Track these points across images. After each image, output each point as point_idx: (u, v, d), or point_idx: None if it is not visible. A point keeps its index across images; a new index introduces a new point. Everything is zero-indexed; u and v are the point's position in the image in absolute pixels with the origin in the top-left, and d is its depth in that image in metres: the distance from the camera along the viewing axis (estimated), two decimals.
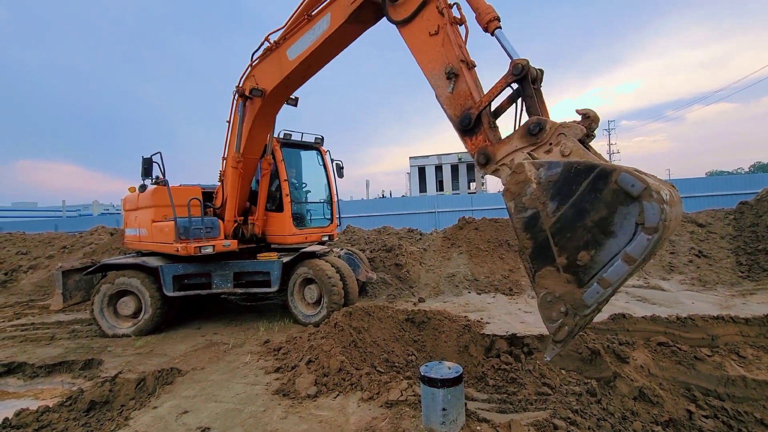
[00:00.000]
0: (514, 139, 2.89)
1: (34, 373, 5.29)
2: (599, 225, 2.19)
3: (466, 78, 3.26)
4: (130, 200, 7.43)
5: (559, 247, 2.33)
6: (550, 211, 2.34)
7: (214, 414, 3.51)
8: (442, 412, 2.87)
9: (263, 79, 5.45)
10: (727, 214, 9.39)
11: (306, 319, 6.28)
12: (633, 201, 2.08)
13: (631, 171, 2.11)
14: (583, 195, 2.22)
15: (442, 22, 3.41)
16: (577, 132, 2.65)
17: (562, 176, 2.30)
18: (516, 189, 2.46)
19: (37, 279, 11.44)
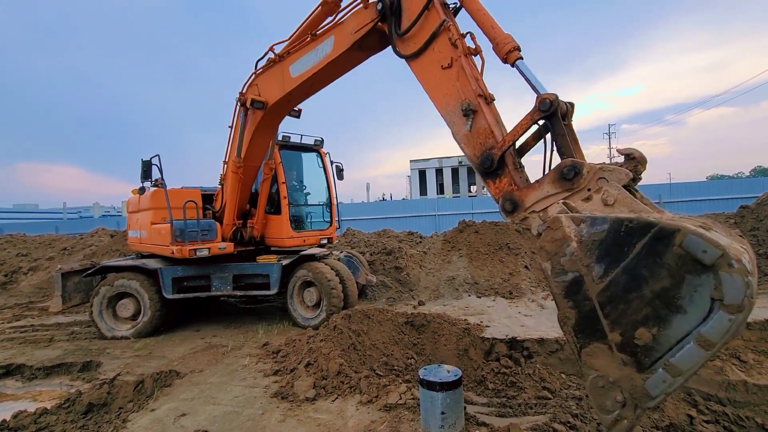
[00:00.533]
0: (544, 183, 2.55)
1: (32, 374, 5.27)
2: (662, 297, 1.80)
3: (486, 114, 2.97)
4: (133, 202, 7.48)
5: (610, 320, 1.93)
6: (596, 276, 1.96)
7: (212, 417, 3.50)
8: (441, 415, 2.86)
9: (266, 91, 5.40)
10: (728, 218, 9.37)
11: (305, 321, 6.27)
12: (706, 270, 1.69)
13: (701, 232, 1.72)
14: (638, 259, 1.84)
15: (455, 55, 3.14)
16: (621, 176, 2.30)
17: (609, 235, 1.93)
18: (552, 248, 2.09)
19: (37, 281, 11.43)
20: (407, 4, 3.52)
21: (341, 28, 4.26)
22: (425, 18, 3.33)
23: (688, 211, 11.30)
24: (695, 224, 1.88)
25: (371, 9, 3.82)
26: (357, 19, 4.03)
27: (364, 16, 3.93)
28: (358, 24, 4.00)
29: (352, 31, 4.07)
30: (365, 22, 3.91)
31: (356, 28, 4.02)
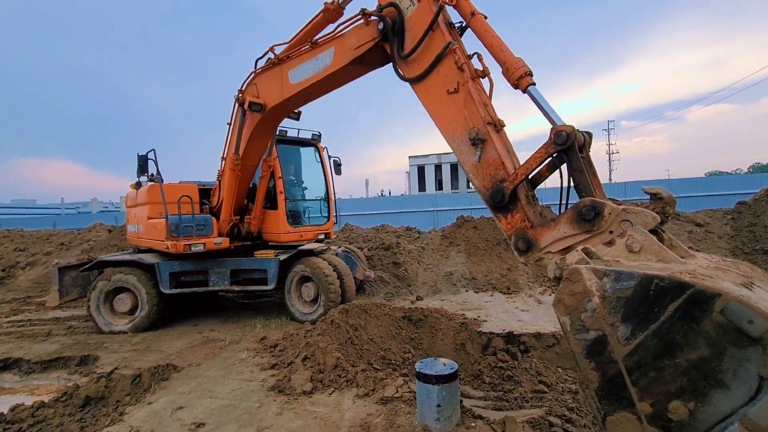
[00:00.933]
0: (561, 223, 2.38)
1: (30, 368, 5.27)
2: (700, 368, 1.61)
3: (495, 143, 2.78)
4: (130, 197, 7.48)
5: (639, 388, 1.73)
6: (623, 337, 1.77)
7: (209, 410, 3.51)
8: (437, 408, 2.87)
9: (265, 93, 5.31)
10: (725, 214, 9.39)
11: (303, 316, 6.27)
12: (753, 343, 1.50)
13: (745, 299, 1.51)
14: (670, 323, 1.65)
15: (462, 79, 2.96)
16: (647, 220, 2.12)
17: (637, 292, 1.74)
18: (572, 302, 1.90)
19: (35, 275, 11.42)
20: (410, 24, 3.33)
21: (341, 41, 4.09)
22: (429, 39, 3.15)
23: (686, 207, 11.30)
24: (736, 281, 1.75)
25: (372, 27, 3.64)
26: (358, 35, 3.86)
27: (365, 34, 3.75)
28: (359, 40, 3.83)
29: (352, 47, 3.91)
30: (366, 39, 3.75)
31: (357, 44, 3.85)
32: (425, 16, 3.19)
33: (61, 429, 3.76)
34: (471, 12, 3.05)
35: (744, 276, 1.87)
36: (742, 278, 1.82)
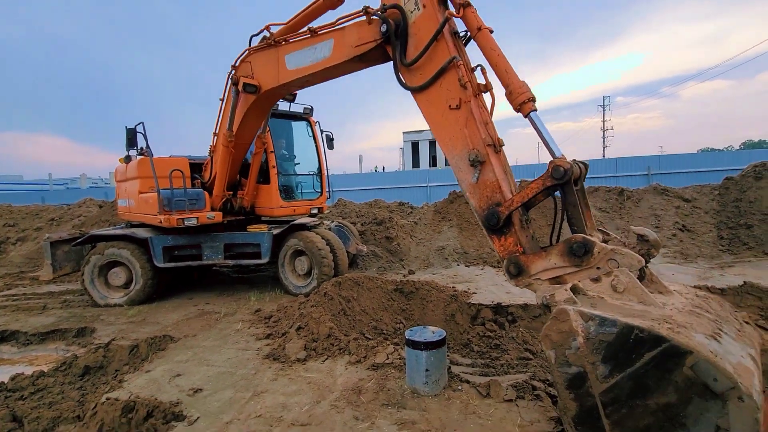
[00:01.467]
0: (552, 255, 2.52)
1: (27, 340, 5.35)
2: (666, 411, 1.82)
3: (494, 166, 2.83)
4: (120, 171, 7.39)
5: (611, 421, 1.96)
6: (601, 376, 1.98)
7: (206, 377, 3.62)
8: (425, 372, 3.00)
9: (260, 74, 5.14)
10: (713, 190, 9.54)
11: (296, 289, 6.38)
12: (715, 397, 1.71)
13: (712, 359, 1.73)
14: (645, 369, 1.85)
15: (465, 97, 2.93)
16: (633, 263, 2.28)
17: (617, 339, 1.93)
18: (558, 339, 2.11)
19: (26, 251, 11.38)
20: (414, 29, 3.22)
21: (342, 34, 3.93)
22: (433, 49, 3.07)
23: (678, 183, 11.42)
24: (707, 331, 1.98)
25: (375, 27, 3.50)
26: (359, 32, 3.71)
27: (367, 33, 3.62)
28: (360, 39, 3.69)
29: (352, 44, 3.77)
30: (367, 39, 3.62)
31: (357, 42, 3.72)
32: (430, 23, 3.10)
33: (62, 396, 3.87)
34: (477, 27, 2.97)
35: (715, 321, 2.17)
36: (712, 326, 2.09)
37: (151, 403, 3.11)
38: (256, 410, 2.98)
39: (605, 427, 1.98)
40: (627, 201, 9.70)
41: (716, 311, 2.35)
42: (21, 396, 3.90)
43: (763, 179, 8.65)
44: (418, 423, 2.67)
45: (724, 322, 2.23)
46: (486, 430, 2.58)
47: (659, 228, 8.88)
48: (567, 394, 2.10)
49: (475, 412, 2.78)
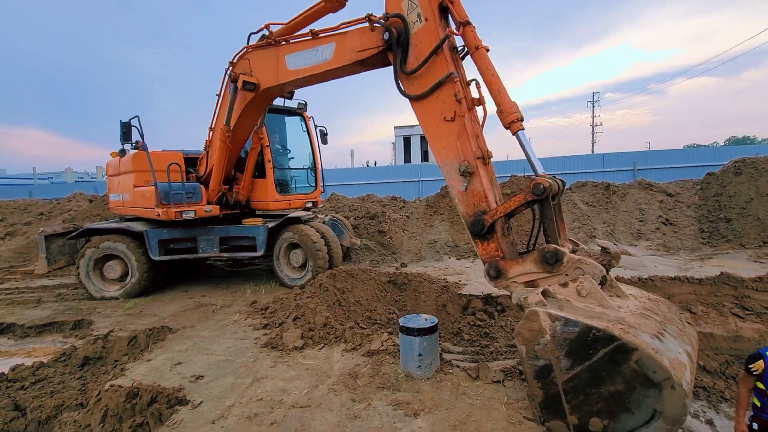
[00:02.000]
0: (528, 261, 2.84)
1: (24, 333, 5.40)
2: (615, 397, 2.23)
3: (482, 178, 3.08)
4: (113, 165, 7.37)
5: (571, 406, 2.34)
6: (563, 368, 2.34)
7: (207, 364, 3.74)
8: (418, 357, 3.16)
9: (259, 72, 5.21)
10: (695, 185, 9.86)
11: (292, 282, 6.50)
12: (654, 385, 2.10)
13: (653, 355, 2.10)
14: (600, 363, 2.24)
15: (459, 111, 3.14)
16: (595, 272, 2.64)
17: (578, 337, 2.29)
18: (529, 336, 2.45)
19: (16, 245, 11.27)
20: (415, 40, 3.38)
21: (344, 39, 4.06)
22: (432, 62, 3.27)
23: (664, 178, 11.74)
24: (653, 331, 2.36)
25: (377, 34, 3.65)
26: (361, 38, 3.86)
27: (369, 39, 3.76)
28: (362, 44, 3.84)
29: (354, 48, 3.92)
30: (369, 45, 3.78)
31: (360, 47, 3.87)
32: (431, 36, 3.28)
33: (62, 386, 3.95)
34: (475, 46, 3.17)
35: (660, 322, 2.57)
36: (657, 326, 2.48)
37: (155, 389, 3.22)
38: (257, 394, 3.11)
39: (566, 411, 2.37)
40: (613, 195, 9.98)
41: (664, 313, 2.77)
42: (22, 386, 3.98)
43: (742, 174, 8.97)
44: (412, 403, 2.84)
45: (668, 323, 2.64)
46: (475, 408, 2.75)
47: (643, 221, 9.18)
48: (535, 383, 2.46)
49: (465, 393, 2.95)
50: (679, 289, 5.76)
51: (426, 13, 3.31)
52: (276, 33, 4.88)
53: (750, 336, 5.07)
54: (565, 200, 10.02)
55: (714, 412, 4.56)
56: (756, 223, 8.11)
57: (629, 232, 8.98)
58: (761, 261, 6.97)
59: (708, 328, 5.21)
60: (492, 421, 2.60)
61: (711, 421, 4.41)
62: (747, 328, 5.14)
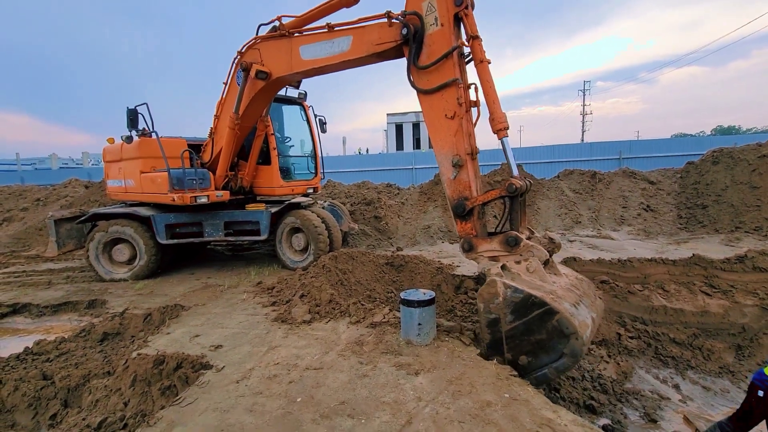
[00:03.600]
0: (494, 242, 3.59)
1: (40, 312, 5.67)
2: (538, 343, 3.11)
3: (469, 170, 3.69)
4: (112, 151, 7.46)
5: (508, 347, 3.23)
6: (508, 321, 3.20)
7: (223, 336, 4.08)
8: (418, 326, 3.54)
9: (270, 62, 5.39)
10: (676, 173, 10.36)
11: (294, 264, 6.82)
12: (565, 336, 2.99)
13: (568, 317, 2.98)
14: (532, 320, 3.09)
15: (459, 112, 3.64)
16: (541, 255, 3.41)
17: (521, 301, 3.13)
18: (487, 296, 3.27)
19: (14, 231, 11.36)
20: (429, 41, 3.78)
21: (362, 33, 4.34)
22: (442, 63, 3.70)
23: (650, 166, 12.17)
24: (572, 301, 3.26)
25: (396, 29, 3.98)
26: (380, 32, 4.16)
27: (388, 34, 4.08)
28: (381, 38, 4.15)
29: (373, 42, 4.22)
30: (388, 39, 4.09)
31: (378, 41, 4.17)
32: (443, 41, 3.71)
33: (85, 358, 4.28)
34: (480, 59, 3.65)
35: (579, 295, 3.46)
36: (576, 298, 3.36)
37: (180, 356, 3.56)
38: (274, 359, 3.47)
39: (504, 350, 3.26)
40: (598, 183, 10.44)
41: (584, 289, 3.69)
42: (47, 359, 4.29)
43: (719, 164, 9.47)
44: (413, 365, 3.22)
45: (585, 296, 3.56)
46: (468, 367, 3.14)
47: (626, 208, 9.67)
48: (486, 330, 3.32)
49: (460, 356, 3.34)
50: (655, 270, 6.24)
51: (443, 19, 3.71)
52: (288, 25, 5.10)
53: (716, 311, 5.58)
54: (552, 187, 10.45)
55: (680, 378, 5.08)
56: (730, 209, 8.64)
57: (613, 218, 9.46)
58: (731, 245, 7.49)
59: (678, 305, 5.70)
60: (483, 377, 3.00)
61: (677, 385, 4.93)
62: (713, 304, 5.65)
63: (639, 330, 5.55)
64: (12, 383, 3.63)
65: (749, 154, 9.14)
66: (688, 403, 4.54)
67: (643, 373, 5.06)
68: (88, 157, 38.07)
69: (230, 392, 2.99)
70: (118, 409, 3.10)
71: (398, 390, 2.89)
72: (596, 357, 5.02)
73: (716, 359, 5.20)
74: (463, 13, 3.66)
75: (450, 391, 2.85)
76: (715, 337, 5.43)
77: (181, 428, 2.61)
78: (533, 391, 2.89)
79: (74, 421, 3.02)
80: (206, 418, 2.69)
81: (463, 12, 3.66)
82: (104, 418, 2.95)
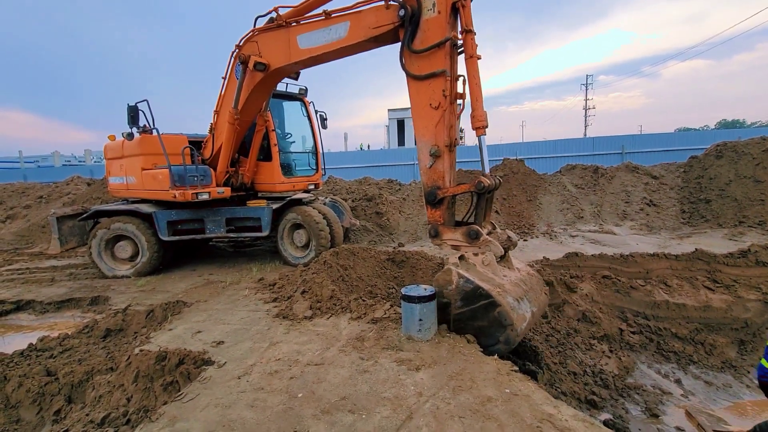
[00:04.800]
0: (458, 232, 3.88)
1: (43, 309, 5.71)
2: (480, 329, 3.47)
3: (445, 161, 3.84)
4: (113, 148, 7.48)
5: (454, 327, 3.60)
6: (457, 306, 3.53)
7: (225, 332, 4.10)
8: (418, 322, 3.54)
9: (268, 53, 5.37)
10: (679, 167, 10.29)
11: (295, 260, 6.83)
12: (502, 326, 3.34)
13: (508, 310, 3.31)
14: (478, 308, 3.43)
15: (444, 104, 3.70)
16: (497, 250, 3.73)
17: (471, 291, 3.45)
18: (442, 282, 3.58)
19: (17, 228, 11.43)
20: (425, 26, 3.77)
21: (359, 18, 4.31)
22: (434, 52, 3.72)
23: (653, 161, 12.07)
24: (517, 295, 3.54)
25: (393, 11, 3.97)
26: (377, 16, 4.14)
27: (385, 16, 4.06)
28: (378, 21, 4.12)
29: (370, 26, 4.20)
30: (385, 22, 4.07)
31: (375, 24, 4.15)
32: (438, 29, 3.69)
33: (89, 354, 4.30)
34: (470, 54, 3.66)
35: (525, 290, 3.72)
36: (521, 293, 3.63)
37: (182, 352, 3.56)
38: (275, 355, 3.48)
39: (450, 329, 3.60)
40: (601, 178, 10.39)
41: (531, 285, 3.93)
42: (51, 355, 4.31)
43: (723, 158, 9.40)
44: (413, 360, 3.22)
45: (531, 291, 3.82)
46: (469, 363, 3.14)
47: (629, 203, 9.62)
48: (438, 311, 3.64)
49: (461, 352, 3.34)
50: (657, 265, 6.22)
51: (440, 6, 3.67)
52: (285, 15, 5.08)
53: (718, 306, 5.57)
54: (554, 182, 10.41)
55: (682, 372, 5.08)
56: (733, 204, 8.58)
57: (615, 212, 9.42)
58: (735, 239, 7.46)
59: (681, 299, 5.69)
60: (483, 373, 3.00)
61: (679, 380, 4.92)
62: (716, 299, 5.63)
63: (641, 325, 5.54)
64: (16, 379, 3.66)
65: (753, 148, 9.07)
66: (690, 398, 4.54)
67: (645, 368, 5.06)
68: (90, 155, 38.18)
69: (232, 388, 3.00)
70: (121, 405, 3.11)
71: (399, 385, 2.89)
72: (598, 352, 5.02)
73: (719, 354, 5.19)
74: (460, 4, 3.63)
75: (451, 387, 2.85)
76: (718, 332, 5.42)
77: (184, 424, 2.62)
78: (534, 386, 2.89)
79: (78, 417, 3.04)
80: (208, 413, 2.71)
81: (461, 3, 3.63)
82: (107, 414, 2.97)
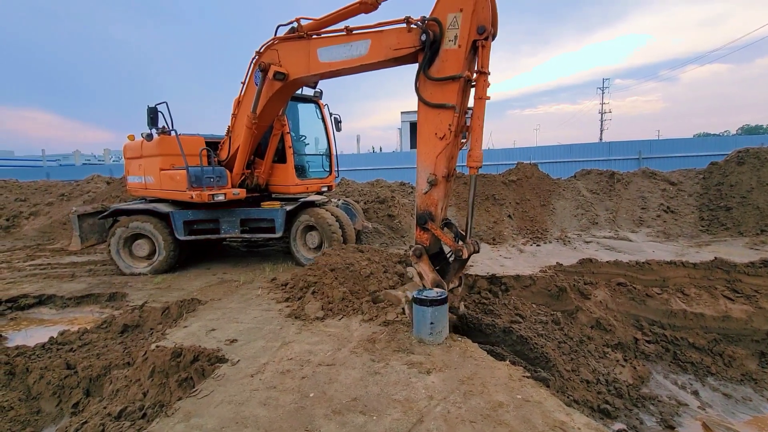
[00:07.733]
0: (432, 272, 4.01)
1: (64, 303, 5.87)
2: None
3: (441, 190, 3.94)
4: (132, 148, 7.65)
5: None
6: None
7: (238, 331, 4.16)
8: (430, 325, 3.55)
9: (288, 63, 5.44)
10: (698, 174, 10.06)
11: (307, 261, 6.88)
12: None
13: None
14: None
15: (448, 136, 3.78)
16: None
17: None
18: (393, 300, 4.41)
19: (39, 225, 11.80)
20: (444, 56, 3.80)
21: (381, 37, 4.35)
22: (448, 84, 3.78)
23: (668, 167, 11.86)
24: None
25: (414, 35, 4.00)
26: (398, 37, 4.18)
27: (407, 39, 4.10)
28: (399, 43, 4.17)
29: (391, 46, 4.24)
30: (406, 45, 4.11)
31: (397, 45, 4.20)
32: (456, 62, 3.74)
33: (107, 349, 4.41)
34: (479, 96, 3.71)
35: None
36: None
37: (197, 349, 3.64)
38: (287, 355, 3.52)
39: None
40: (617, 184, 10.22)
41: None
42: (71, 348, 4.43)
43: (745, 164, 9.17)
44: (425, 363, 3.23)
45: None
46: (480, 368, 3.14)
47: (645, 209, 9.44)
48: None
49: (472, 356, 3.33)
50: (674, 273, 6.10)
51: (461, 40, 3.69)
52: (306, 27, 5.12)
53: (738, 316, 5.43)
54: (569, 187, 10.28)
55: (700, 384, 4.96)
56: (755, 211, 8.35)
57: (631, 219, 9.26)
58: (756, 248, 7.26)
59: (699, 309, 5.56)
60: (495, 378, 2.99)
61: (696, 392, 4.81)
62: (736, 309, 5.49)
63: (657, 334, 5.43)
64: (38, 372, 3.77)
65: None
66: (708, 410, 4.43)
67: (661, 378, 4.96)
68: (108, 154, 39.11)
69: (245, 386, 3.05)
70: (138, 399, 3.18)
71: (410, 388, 2.90)
72: (611, 360, 4.94)
73: (738, 366, 5.06)
74: (480, 44, 3.65)
75: (462, 391, 2.85)
76: (737, 343, 5.29)
77: (198, 419, 2.67)
78: (546, 393, 2.87)
79: (96, 410, 3.12)
80: (222, 410, 2.75)
81: (481, 42, 3.64)
82: (124, 407, 3.04)
